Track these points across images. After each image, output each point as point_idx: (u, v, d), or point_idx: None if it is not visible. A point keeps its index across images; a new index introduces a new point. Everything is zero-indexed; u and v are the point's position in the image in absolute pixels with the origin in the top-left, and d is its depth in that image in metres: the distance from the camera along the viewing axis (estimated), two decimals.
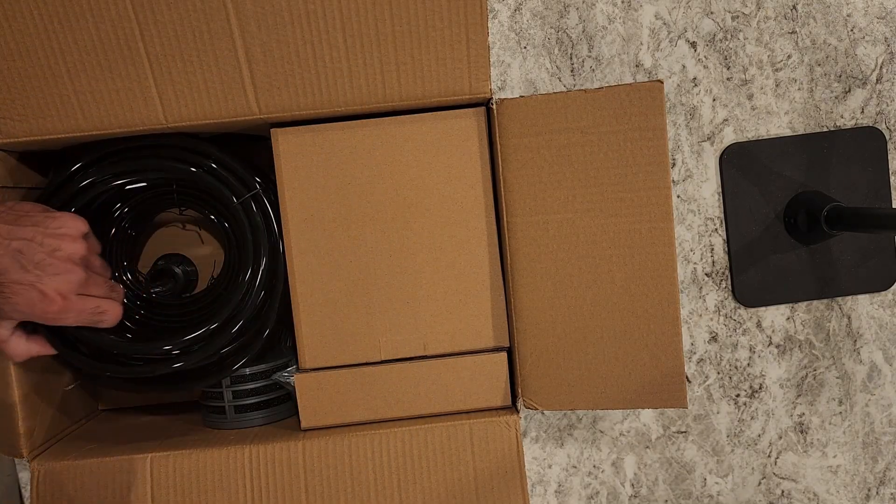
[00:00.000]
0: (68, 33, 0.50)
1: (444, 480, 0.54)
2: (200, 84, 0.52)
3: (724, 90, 0.69)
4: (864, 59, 0.69)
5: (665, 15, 0.69)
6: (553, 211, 0.54)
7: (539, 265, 0.55)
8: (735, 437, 0.71)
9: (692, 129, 0.69)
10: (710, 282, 0.70)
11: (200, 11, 0.50)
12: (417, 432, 0.54)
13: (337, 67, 0.52)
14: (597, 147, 0.53)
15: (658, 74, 0.69)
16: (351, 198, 0.56)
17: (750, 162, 0.69)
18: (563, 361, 0.55)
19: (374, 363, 0.57)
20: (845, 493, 0.71)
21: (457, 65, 0.52)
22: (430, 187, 0.56)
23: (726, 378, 0.71)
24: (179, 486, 0.53)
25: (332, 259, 0.56)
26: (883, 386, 0.71)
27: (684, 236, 0.70)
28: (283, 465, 0.54)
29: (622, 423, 0.70)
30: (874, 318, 0.71)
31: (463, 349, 0.57)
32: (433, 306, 0.57)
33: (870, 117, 0.70)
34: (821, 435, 0.71)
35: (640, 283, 0.53)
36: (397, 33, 0.51)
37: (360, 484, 0.54)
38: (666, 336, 0.54)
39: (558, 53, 0.69)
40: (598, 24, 0.68)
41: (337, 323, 0.57)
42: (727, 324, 0.70)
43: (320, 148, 0.56)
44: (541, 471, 0.71)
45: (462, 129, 0.56)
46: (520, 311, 0.55)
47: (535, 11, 0.68)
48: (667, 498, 0.71)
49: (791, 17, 0.69)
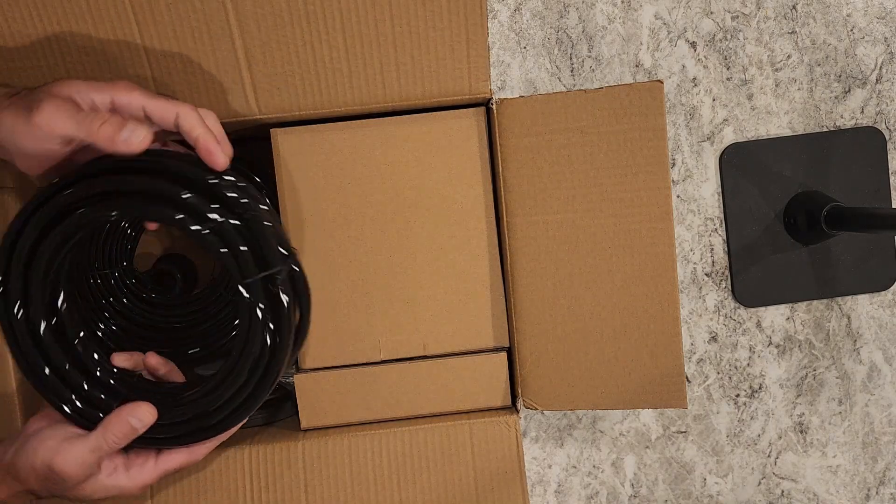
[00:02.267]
0: (68, 34, 0.50)
1: (443, 480, 0.54)
2: (200, 85, 0.52)
3: (724, 90, 0.69)
4: (863, 59, 0.69)
5: (665, 15, 0.69)
6: (553, 211, 0.54)
7: (539, 265, 0.55)
8: (735, 437, 0.71)
9: (692, 129, 0.69)
10: (710, 282, 0.70)
11: (200, 12, 0.50)
12: (417, 432, 0.54)
13: (337, 68, 0.52)
14: (597, 147, 0.53)
15: (658, 74, 0.69)
16: (351, 198, 0.56)
17: (750, 162, 0.69)
18: (563, 361, 0.55)
19: (374, 363, 0.57)
20: (845, 493, 0.71)
21: (457, 65, 0.52)
22: (430, 187, 0.56)
23: (726, 378, 0.71)
24: (179, 486, 0.53)
25: (332, 259, 0.56)
26: (883, 386, 0.71)
27: (684, 236, 0.70)
28: (283, 465, 0.54)
29: (622, 423, 0.70)
30: (874, 318, 0.71)
31: (463, 349, 0.57)
32: (433, 306, 0.57)
33: (870, 117, 0.70)
34: (820, 435, 0.71)
35: (640, 283, 0.53)
36: (397, 34, 0.51)
37: (360, 484, 0.54)
38: (666, 336, 0.54)
39: (558, 53, 0.69)
40: (598, 24, 0.68)
41: (337, 323, 0.57)
42: (727, 324, 0.70)
43: (320, 148, 0.56)
44: (541, 471, 0.71)
45: (462, 129, 0.56)
46: (520, 311, 0.55)
47: (535, 11, 0.68)
48: (667, 498, 0.71)
49: (791, 17, 0.69)
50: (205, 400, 0.46)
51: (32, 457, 0.45)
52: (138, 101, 0.44)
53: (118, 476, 0.46)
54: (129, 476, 0.46)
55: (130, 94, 0.44)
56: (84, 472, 0.45)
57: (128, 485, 0.46)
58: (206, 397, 0.46)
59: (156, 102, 0.44)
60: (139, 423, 0.45)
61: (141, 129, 0.42)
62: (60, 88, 0.43)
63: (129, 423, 0.45)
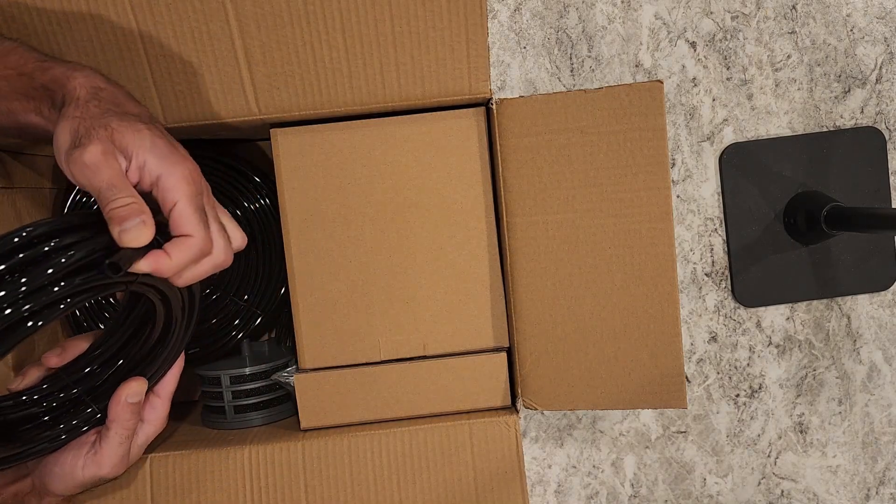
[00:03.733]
0: (68, 34, 0.50)
1: (443, 480, 0.54)
2: (200, 85, 0.52)
3: (724, 90, 0.69)
4: (863, 59, 0.69)
5: (665, 15, 0.69)
6: (553, 211, 0.54)
7: (539, 265, 0.55)
8: (735, 437, 0.71)
9: (692, 129, 0.69)
10: (710, 282, 0.70)
11: (200, 12, 0.50)
12: (417, 432, 0.54)
13: (336, 68, 0.52)
14: (597, 147, 0.53)
15: (658, 74, 0.69)
16: (350, 198, 0.56)
17: (750, 162, 0.69)
18: (563, 361, 0.55)
19: (373, 363, 0.57)
20: (845, 492, 0.71)
21: (457, 65, 0.52)
22: (430, 187, 0.56)
23: (726, 378, 0.71)
24: (179, 487, 0.53)
25: (332, 259, 0.56)
26: (882, 386, 0.71)
27: (684, 236, 0.70)
28: (282, 465, 0.54)
29: (622, 423, 0.70)
30: (874, 318, 0.71)
31: (463, 349, 0.57)
32: (433, 306, 0.57)
33: (869, 117, 0.70)
34: (820, 435, 0.71)
35: (640, 283, 0.53)
36: (397, 34, 0.51)
37: (360, 484, 0.54)
38: (666, 336, 0.54)
39: (558, 53, 0.69)
40: (598, 24, 0.68)
41: (337, 323, 0.57)
42: (727, 324, 0.70)
43: (320, 148, 0.56)
44: (540, 471, 0.71)
45: (462, 129, 0.56)
46: (519, 311, 0.55)
47: (535, 11, 0.68)
48: (666, 498, 0.71)
49: (791, 17, 0.69)
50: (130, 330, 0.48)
51: (71, 480, 0.47)
52: (175, 196, 0.42)
53: (143, 431, 0.50)
54: (151, 423, 0.50)
55: (179, 183, 0.42)
56: (125, 461, 0.48)
57: (155, 429, 0.50)
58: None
59: (186, 213, 0.42)
60: (137, 397, 0.47)
61: (146, 232, 0.40)
62: (123, 136, 0.42)
63: (129, 403, 0.47)
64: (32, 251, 0.38)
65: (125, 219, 0.40)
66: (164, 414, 0.51)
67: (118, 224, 0.40)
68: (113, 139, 0.41)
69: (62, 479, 0.47)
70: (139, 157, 0.42)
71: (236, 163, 0.67)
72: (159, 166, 0.42)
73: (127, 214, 0.40)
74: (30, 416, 0.46)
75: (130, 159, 0.42)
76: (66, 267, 0.38)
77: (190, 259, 0.42)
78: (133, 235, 0.40)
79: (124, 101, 0.45)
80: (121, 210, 0.40)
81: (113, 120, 0.42)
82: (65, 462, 0.47)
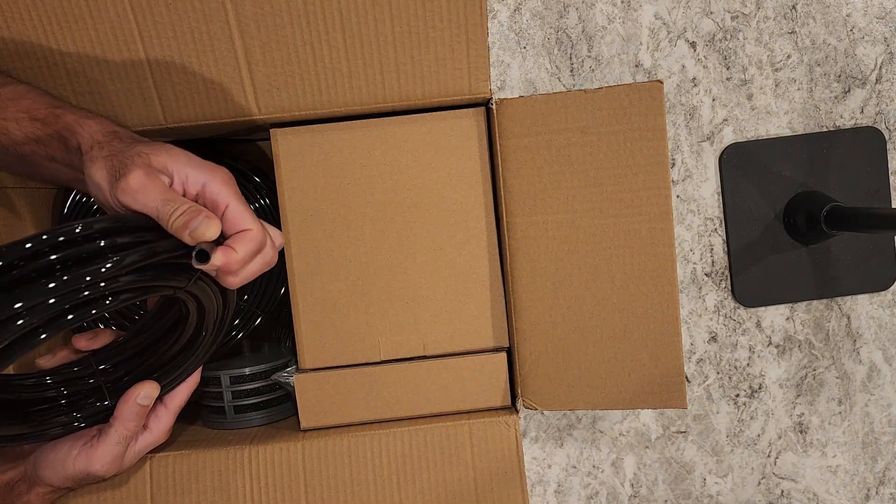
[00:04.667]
0: (67, 34, 0.50)
1: (443, 480, 0.54)
2: (200, 85, 0.52)
3: (724, 90, 0.69)
4: (863, 59, 0.69)
5: (665, 15, 0.69)
6: (553, 211, 0.54)
7: (539, 265, 0.55)
8: (734, 437, 0.71)
9: (692, 129, 0.69)
10: (710, 282, 0.70)
11: (199, 12, 0.50)
12: (417, 432, 0.54)
13: (336, 68, 0.52)
14: (596, 147, 0.53)
15: (658, 74, 0.69)
16: (350, 198, 0.56)
17: (749, 162, 0.69)
18: (563, 361, 0.55)
19: (373, 363, 0.57)
20: (845, 492, 0.71)
21: (456, 65, 0.52)
22: (430, 187, 0.56)
23: (726, 378, 0.71)
24: (179, 487, 0.53)
25: (332, 259, 0.56)
26: (882, 386, 0.71)
27: (684, 236, 0.70)
28: (282, 465, 0.54)
29: (622, 423, 0.70)
30: (874, 318, 0.71)
31: (462, 349, 0.57)
32: (433, 306, 0.57)
33: (869, 117, 0.70)
34: (820, 435, 0.71)
35: (640, 283, 0.53)
36: (397, 34, 0.51)
37: (360, 484, 0.54)
38: (666, 336, 0.54)
39: (558, 53, 0.69)
40: (598, 24, 0.68)
41: (336, 323, 0.57)
42: (727, 324, 0.70)
43: (320, 148, 0.56)
44: (540, 471, 0.71)
45: (462, 129, 0.56)
46: (519, 311, 0.55)
47: (535, 11, 0.68)
48: (666, 498, 0.71)
49: (791, 17, 0.69)
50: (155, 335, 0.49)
51: (62, 470, 0.48)
52: (225, 198, 0.44)
53: (143, 438, 0.50)
54: (152, 432, 0.50)
55: (223, 187, 0.44)
56: (118, 463, 0.49)
57: (155, 439, 0.51)
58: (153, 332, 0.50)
59: (240, 210, 0.44)
60: (147, 400, 0.48)
61: (214, 223, 0.42)
62: (159, 157, 0.44)
63: (138, 405, 0.48)
64: (96, 245, 0.40)
65: (190, 220, 0.41)
66: (168, 426, 0.51)
67: (185, 228, 0.41)
68: (150, 162, 0.43)
69: (53, 467, 0.48)
70: (180, 172, 0.44)
71: (236, 163, 0.67)
72: (201, 175, 0.44)
73: (190, 217, 0.42)
74: (47, 398, 0.47)
75: (172, 176, 0.44)
76: (142, 261, 0.41)
77: (253, 251, 0.44)
78: (203, 230, 0.41)
79: (138, 136, 0.47)
80: (183, 217, 0.42)
81: (142, 147, 0.44)
82: (61, 449, 0.48)
